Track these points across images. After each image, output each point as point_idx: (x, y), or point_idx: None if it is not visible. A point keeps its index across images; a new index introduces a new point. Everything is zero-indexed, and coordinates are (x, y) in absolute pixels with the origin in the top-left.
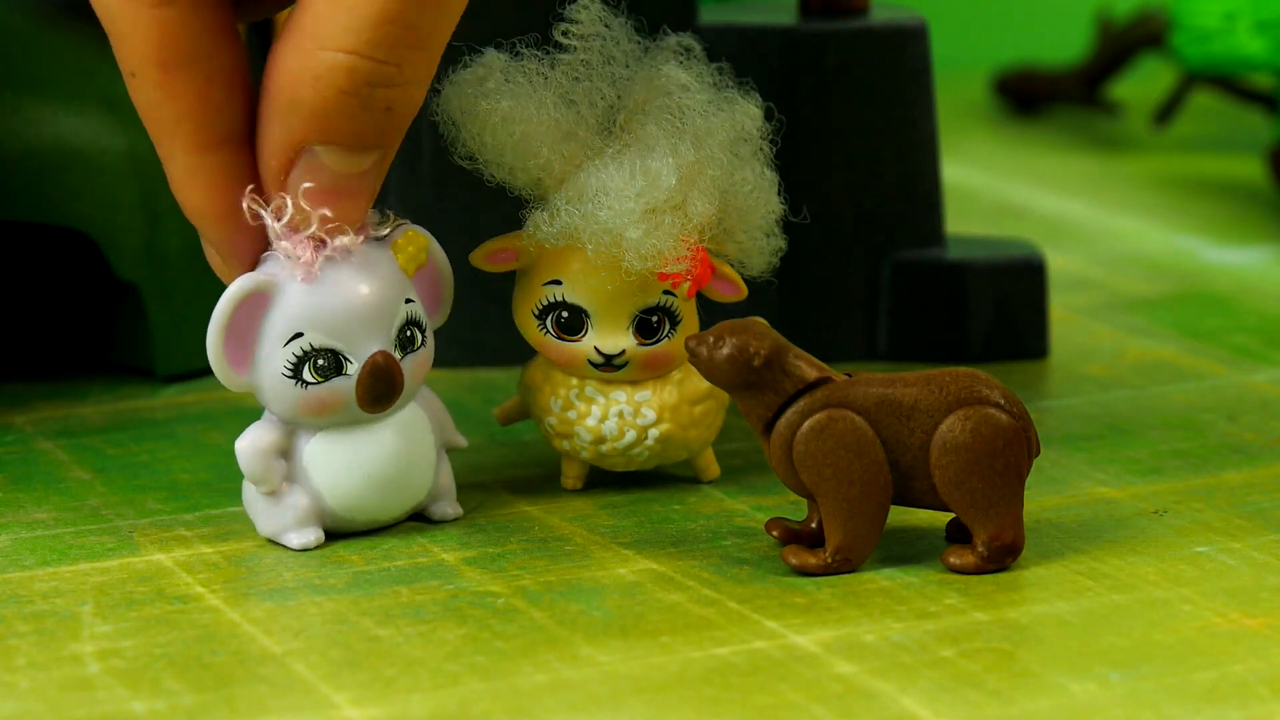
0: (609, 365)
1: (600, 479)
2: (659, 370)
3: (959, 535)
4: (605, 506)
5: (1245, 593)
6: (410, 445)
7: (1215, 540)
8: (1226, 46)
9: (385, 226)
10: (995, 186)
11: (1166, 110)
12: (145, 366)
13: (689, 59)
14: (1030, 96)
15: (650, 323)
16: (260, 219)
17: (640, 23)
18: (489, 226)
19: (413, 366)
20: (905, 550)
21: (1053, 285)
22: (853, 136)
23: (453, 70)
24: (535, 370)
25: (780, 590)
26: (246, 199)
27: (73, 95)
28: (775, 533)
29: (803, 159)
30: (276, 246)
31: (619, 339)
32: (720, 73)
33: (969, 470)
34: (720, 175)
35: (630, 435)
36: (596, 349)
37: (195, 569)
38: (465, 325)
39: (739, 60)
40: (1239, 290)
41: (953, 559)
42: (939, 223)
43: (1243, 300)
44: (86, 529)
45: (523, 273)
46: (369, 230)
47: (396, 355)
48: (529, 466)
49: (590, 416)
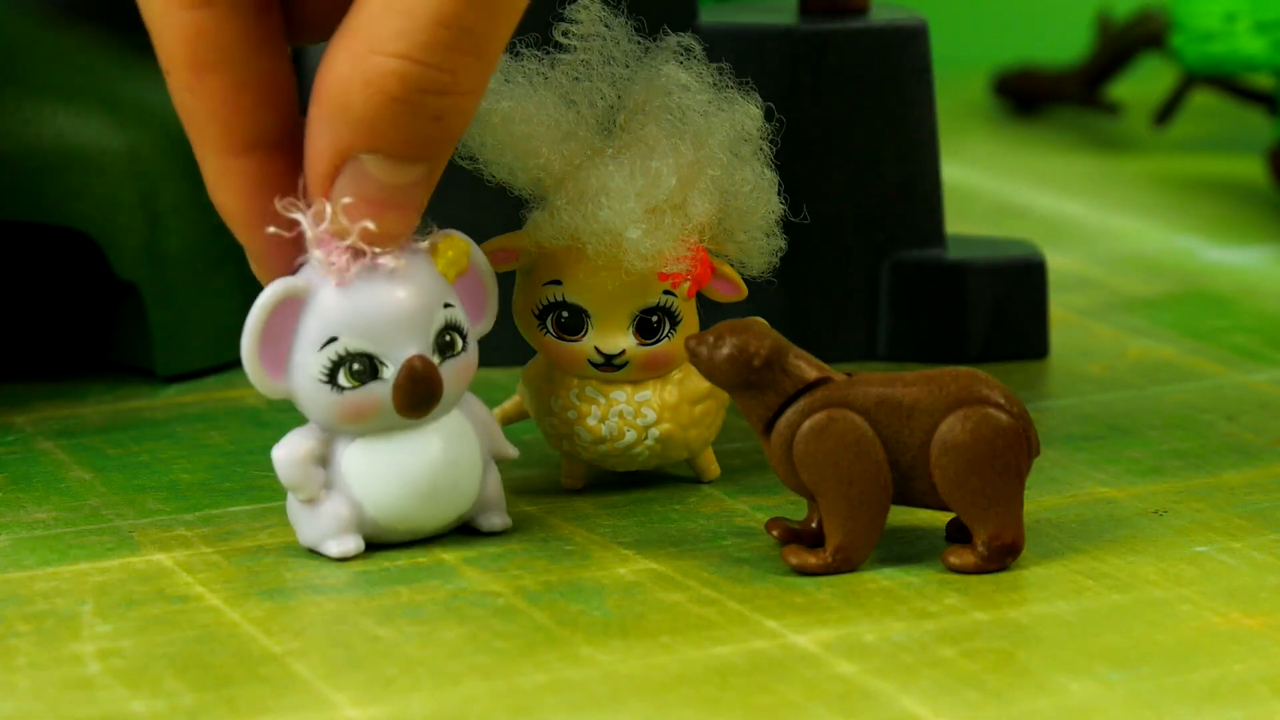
0: (609, 365)
1: (600, 479)
2: (659, 370)
3: (959, 535)
4: (605, 506)
5: (1245, 593)
6: (452, 453)
7: (1215, 540)
8: (1226, 47)
9: (424, 235)
10: (995, 186)
11: (1166, 110)
12: (145, 366)
13: (689, 59)
14: (1030, 96)
15: (650, 323)
16: (295, 223)
17: (640, 23)
18: (489, 226)
19: (453, 372)
20: (905, 550)
21: (1053, 285)
22: (853, 136)
23: None
24: (535, 370)
25: (780, 590)
26: (280, 204)
27: (73, 95)
28: (775, 533)
29: (803, 159)
30: (311, 251)
31: (619, 339)
32: (720, 73)
33: (969, 470)
34: (720, 175)
35: (630, 435)
36: (597, 349)
37: (195, 569)
38: None
39: (739, 60)
40: (1239, 290)
41: (953, 559)
42: (939, 223)
43: (1243, 300)
44: (86, 529)
45: (523, 273)
46: (409, 241)
47: (435, 360)
48: (529, 466)
49: (590, 416)
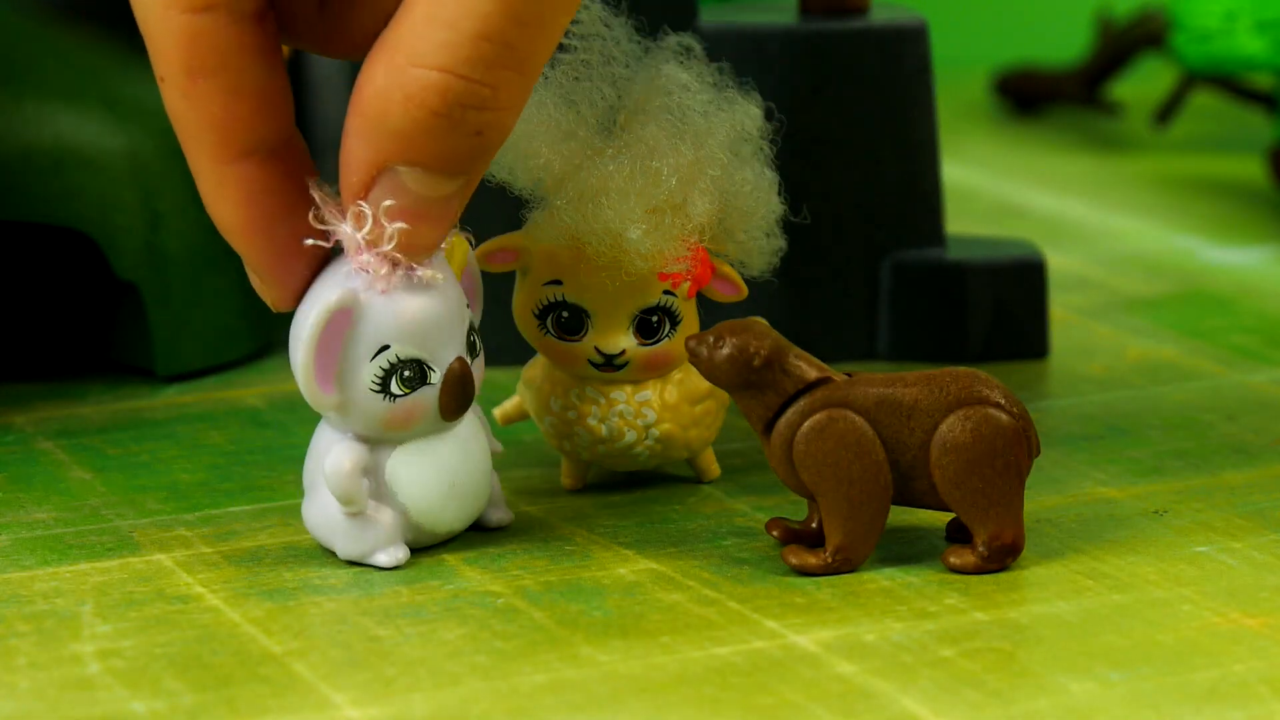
0: (609, 365)
1: (600, 479)
2: (659, 370)
3: (959, 535)
4: (605, 506)
5: (1245, 593)
6: (476, 452)
7: (1215, 540)
8: (1226, 46)
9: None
10: (995, 186)
11: (1166, 110)
12: (145, 366)
13: (689, 59)
14: (1030, 96)
15: (650, 323)
16: (297, 232)
17: (640, 23)
18: (489, 226)
19: (476, 372)
20: (905, 550)
21: (1053, 285)
22: (853, 136)
23: None
24: (535, 370)
25: (780, 590)
26: (313, 214)
27: (73, 95)
28: (775, 533)
29: (803, 159)
30: (354, 259)
31: (619, 339)
32: (720, 73)
33: (969, 470)
34: (720, 175)
35: (630, 435)
36: (597, 349)
37: (195, 569)
38: None
39: (739, 60)
40: (1239, 290)
41: (953, 559)
42: (939, 223)
43: (1243, 300)
44: (86, 529)
45: (523, 273)
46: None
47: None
48: (529, 466)
49: (590, 416)
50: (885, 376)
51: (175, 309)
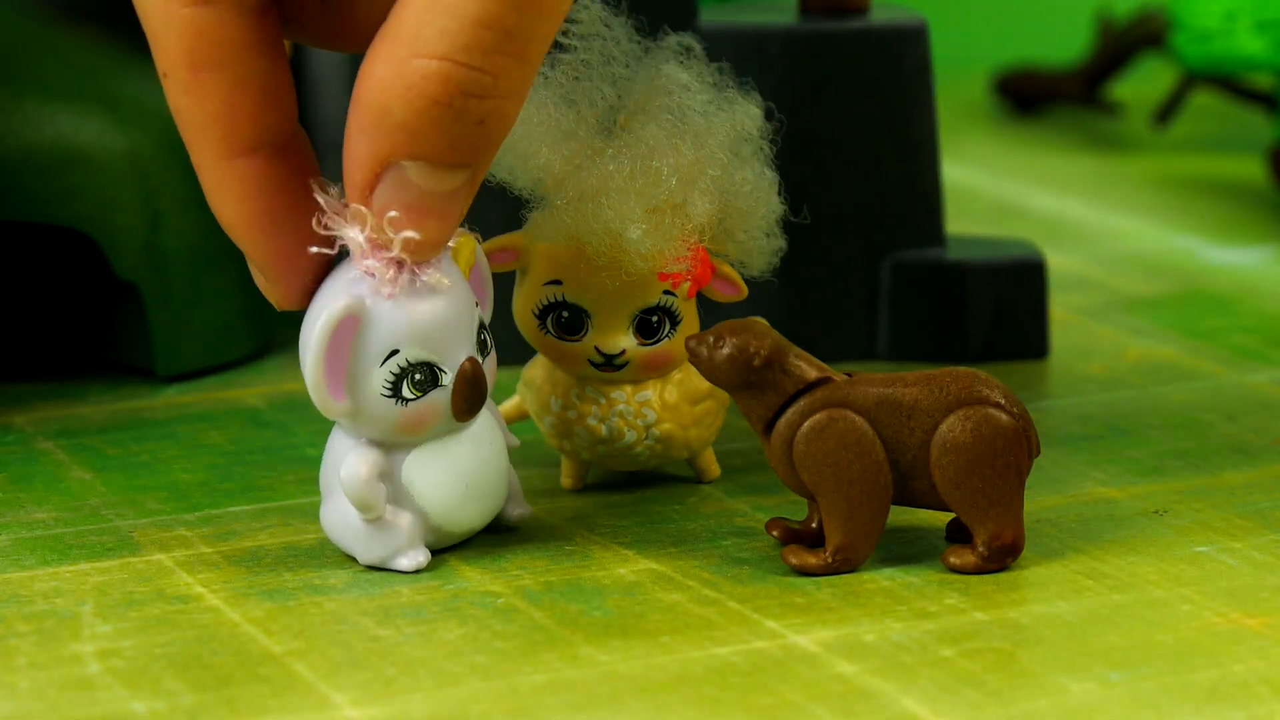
0: (609, 365)
1: (600, 479)
2: (659, 370)
3: (959, 535)
4: (605, 506)
5: (1245, 593)
6: (494, 449)
7: (1215, 540)
8: (1226, 46)
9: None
10: (995, 186)
11: (1166, 110)
12: (145, 366)
13: (689, 59)
14: (1030, 96)
15: (650, 323)
16: (305, 231)
17: (640, 23)
18: (489, 226)
19: (488, 371)
20: (905, 550)
21: (1053, 285)
22: (853, 136)
23: None
24: (535, 370)
25: (780, 590)
26: (316, 218)
27: (73, 95)
28: (775, 533)
29: (803, 159)
30: (359, 263)
31: (619, 339)
32: (720, 73)
33: (969, 470)
34: (720, 175)
35: (630, 435)
36: (597, 349)
37: (195, 569)
38: None
39: (739, 60)
40: (1239, 290)
41: (953, 559)
42: (939, 223)
43: (1243, 300)
44: (86, 529)
45: (523, 273)
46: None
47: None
48: (529, 466)
49: (590, 416)
50: (885, 376)
51: (175, 309)
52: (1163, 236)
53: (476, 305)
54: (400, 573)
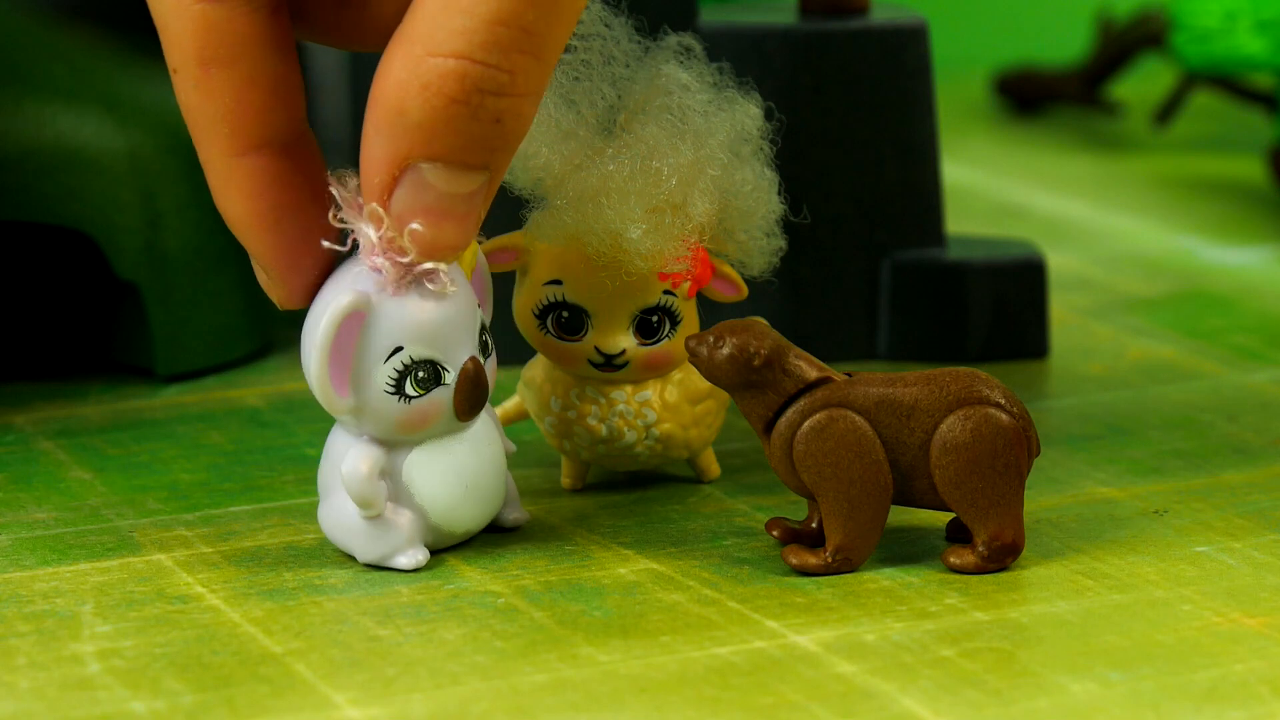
0: (609, 365)
1: (600, 479)
2: (659, 370)
3: (959, 535)
4: (605, 506)
5: (1245, 593)
6: (493, 450)
7: (1215, 540)
8: (1226, 46)
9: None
10: (995, 186)
11: (1166, 110)
12: (145, 366)
13: (689, 59)
14: (1030, 96)
15: (650, 323)
16: (310, 229)
17: (640, 23)
18: (489, 226)
19: (489, 372)
20: (905, 550)
21: (1053, 285)
22: (853, 136)
23: None
24: (535, 370)
25: (780, 590)
26: (332, 212)
27: (73, 95)
28: (775, 533)
29: (803, 159)
30: (367, 259)
31: (619, 339)
32: (720, 73)
33: (969, 470)
34: (720, 175)
35: (630, 435)
36: (597, 349)
37: (195, 569)
38: None
39: (739, 60)
40: (1239, 290)
41: (953, 559)
42: (939, 223)
43: (1243, 300)
44: (86, 529)
45: (523, 273)
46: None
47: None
48: (529, 466)
49: (590, 416)
50: (885, 376)
51: (175, 309)
52: (1163, 236)
53: (479, 307)
54: (399, 571)
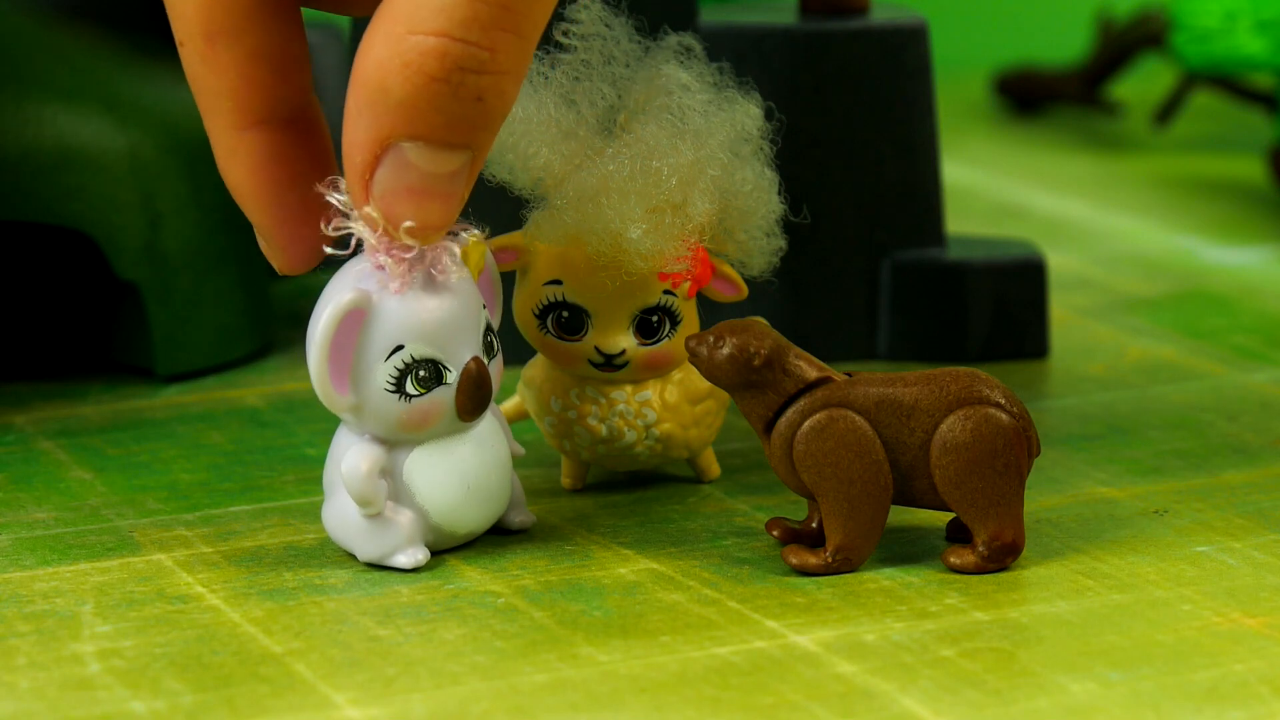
0: (609, 365)
1: (600, 479)
2: (659, 370)
3: (959, 535)
4: (605, 506)
5: (1245, 593)
6: (497, 452)
7: (1215, 540)
8: (1226, 46)
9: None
10: (995, 186)
11: (1166, 110)
12: (145, 366)
13: (689, 59)
14: (1030, 96)
15: (651, 322)
16: (308, 204)
17: (640, 23)
18: (490, 226)
19: (494, 373)
20: (905, 550)
21: (1053, 285)
22: (853, 136)
23: None
24: (535, 370)
25: (780, 590)
26: (332, 217)
27: (73, 95)
28: (775, 532)
29: (803, 159)
30: (372, 257)
31: (619, 339)
32: (720, 73)
33: (969, 470)
34: (720, 175)
35: (630, 435)
36: (597, 349)
37: (195, 569)
38: None
39: (739, 60)
40: (1239, 290)
41: (953, 559)
42: (939, 223)
43: (1243, 300)
44: (86, 529)
45: (523, 273)
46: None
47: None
48: (529, 466)
49: (590, 416)
50: (885, 376)
51: (175, 309)
52: (1163, 236)
53: (484, 308)
54: (400, 571)
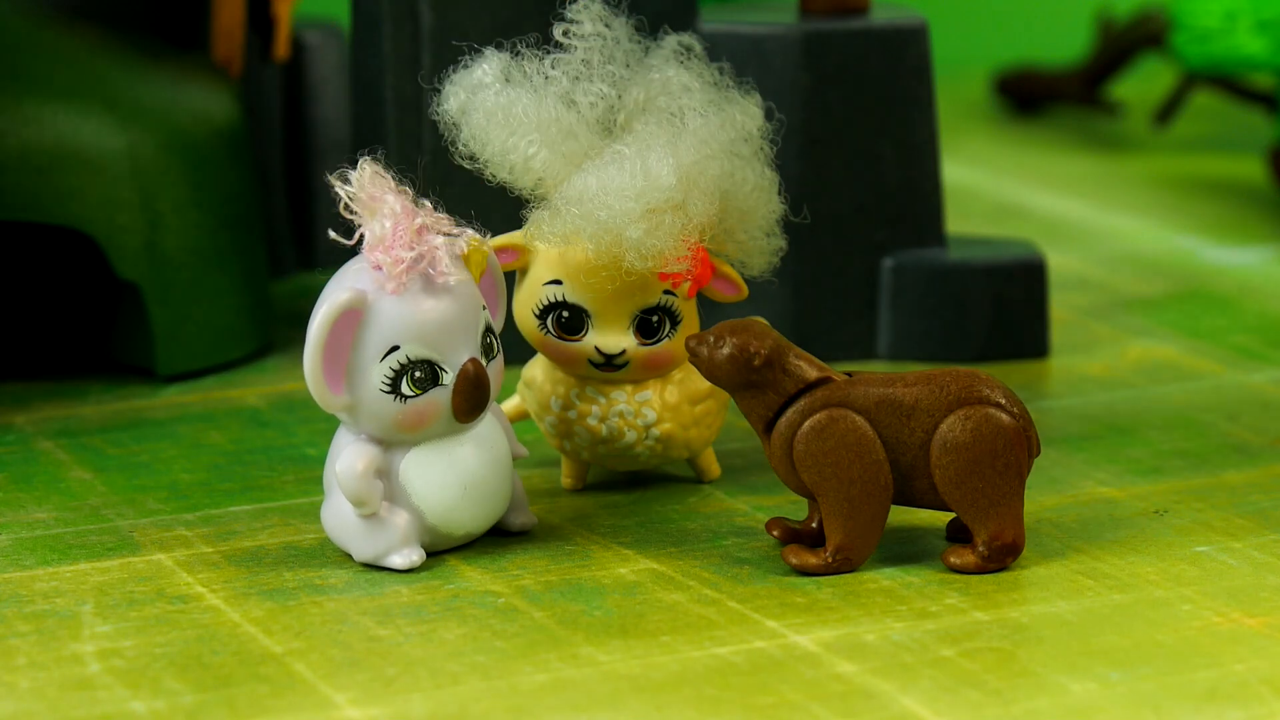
0: (609, 365)
1: (600, 479)
2: (660, 370)
3: (959, 535)
4: (605, 506)
5: (1245, 593)
6: (496, 454)
7: (1215, 540)
8: (1226, 46)
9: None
10: (995, 186)
11: (1166, 110)
12: (145, 366)
13: (689, 59)
14: (1030, 96)
15: (651, 322)
16: (352, 218)
17: (640, 23)
18: (489, 226)
19: (494, 374)
20: (905, 550)
21: (1053, 285)
22: (853, 136)
23: (453, 70)
24: (535, 370)
25: (780, 590)
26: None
27: (73, 95)
28: (775, 532)
29: (803, 159)
30: (370, 255)
31: (619, 339)
32: (720, 73)
33: (969, 470)
34: (720, 175)
35: (631, 435)
36: (597, 349)
37: (195, 569)
38: None
39: (739, 61)
40: (1239, 290)
41: (953, 559)
42: (939, 223)
43: (1243, 300)
44: (86, 529)
45: (523, 272)
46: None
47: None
48: (529, 466)
49: (590, 416)
50: (885, 376)
51: (175, 309)
52: (1163, 236)
53: (484, 309)
54: (396, 571)
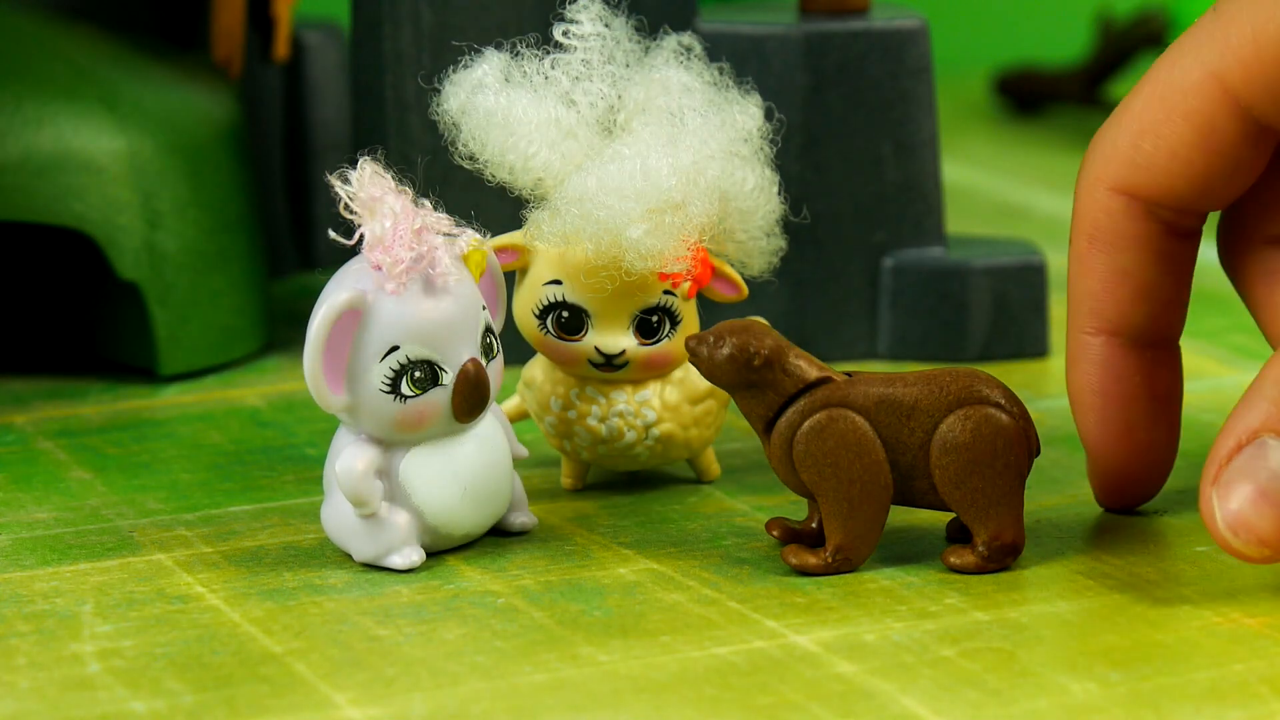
0: (609, 365)
1: (600, 479)
2: (659, 370)
3: (959, 535)
4: (605, 506)
5: (1245, 593)
6: (496, 454)
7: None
8: None
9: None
10: (995, 186)
11: None
12: (145, 366)
13: (689, 59)
14: (1030, 96)
15: (650, 323)
16: (352, 217)
17: (640, 23)
18: (489, 226)
19: (494, 374)
20: (905, 550)
21: (1053, 285)
22: (853, 136)
23: (453, 70)
24: (535, 370)
25: (780, 590)
26: (343, 205)
27: (73, 95)
28: (775, 532)
29: (803, 159)
30: (369, 255)
31: (619, 339)
32: (720, 73)
33: (969, 470)
34: (720, 175)
35: (630, 435)
36: (597, 349)
37: (195, 569)
38: None
39: (739, 61)
40: None
41: (953, 559)
42: (939, 223)
43: None
44: (86, 529)
45: (523, 273)
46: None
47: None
48: (529, 466)
49: (590, 416)
50: (885, 376)
51: (175, 309)
52: None
53: (484, 309)
54: (396, 571)
